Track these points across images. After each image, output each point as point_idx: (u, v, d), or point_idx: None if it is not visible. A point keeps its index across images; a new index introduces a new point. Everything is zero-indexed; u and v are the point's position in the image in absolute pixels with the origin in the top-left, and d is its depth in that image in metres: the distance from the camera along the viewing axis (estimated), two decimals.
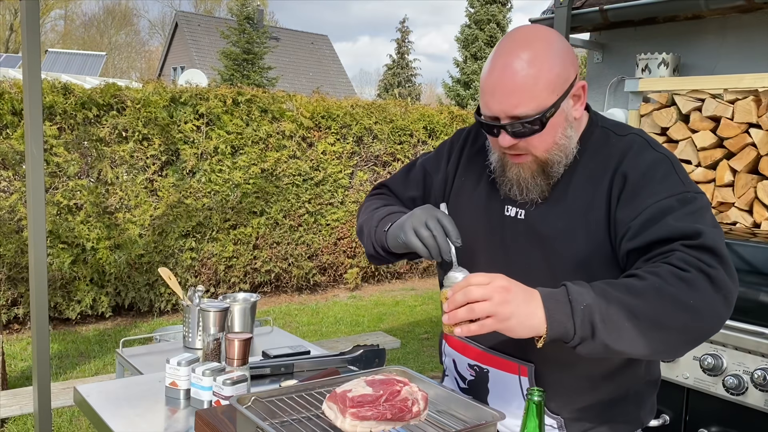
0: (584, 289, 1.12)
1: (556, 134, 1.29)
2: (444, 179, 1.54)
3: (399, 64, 27.19)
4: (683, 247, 1.17)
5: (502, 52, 1.28)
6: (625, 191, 1.27)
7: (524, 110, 1.24)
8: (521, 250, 1.37)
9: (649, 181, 1.26)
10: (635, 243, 1.23)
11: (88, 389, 1.69)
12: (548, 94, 1.25)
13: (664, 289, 1.11)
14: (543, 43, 1.27)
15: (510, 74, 1.24)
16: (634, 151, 1.31)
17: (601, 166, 1.32)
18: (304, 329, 5.91)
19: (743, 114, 2.89)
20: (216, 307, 1.84)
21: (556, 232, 1.32)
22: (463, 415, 1.34)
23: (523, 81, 1.24)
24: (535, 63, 1.24)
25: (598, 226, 1.29)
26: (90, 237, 5.59)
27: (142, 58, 33.31)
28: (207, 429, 1.36)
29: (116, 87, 5.79)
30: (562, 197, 1.34)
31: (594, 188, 1.31)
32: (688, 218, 1.21)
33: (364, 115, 7.32)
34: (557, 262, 1.32)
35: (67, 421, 3.81)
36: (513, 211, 1.39)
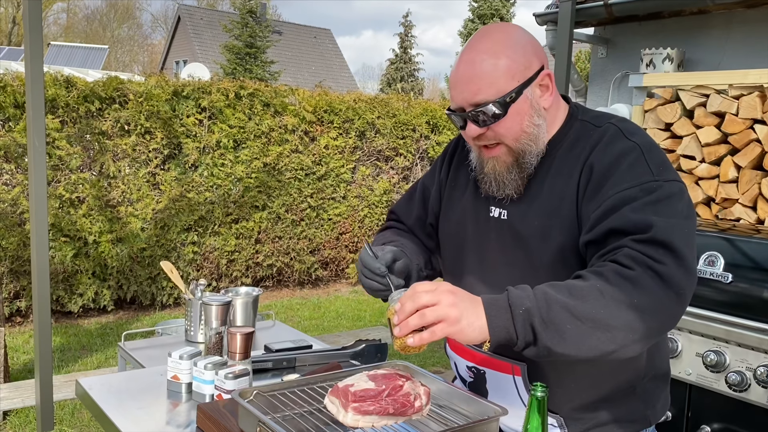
0: (525, 293, 1.12)
1: (523, 122, 1.30)
2: (438, 188, 1.58)
3: (402, 59, 27.13)
4: (632, 242, 1.14)
5: (465, 48, 1.34)
6: (591, 183, 1.26)
7: (484, 96, 1.28)
8: (506, 250, 1.38)
9: (614, 172, 1.24)
10: (591, 235, 1.21)
11: (90, 382, 1.69)
12: (507, 80, 1.28)
13: (606, 290, 1.09)
14: (501, 34, 1.32)
15: (470, 65, 1.29)
16: (605, 141, 1.29)
17: (575, 159, 1.32)
18: (305, 324, 5.92)
19: (748, 110, 2.87)
20: (218, 300, 1.84)
21: (532, 230, 1.33)
22: (466, 410, 1.33)
23: (481, 68, 1.29)
24: (493, 52, 1.29)
25: (571, 221, 1.29)
26: (92, 230, 5.59)
27: (145, 52, 33.29)
28: (209, 423, 1.36)
29: (119, 80, 5.78)
30: (538, 193, 1.34)
31: (566, 182, 1.31)
32: (646, 209, 1.16)
33: (366, 109, 7.30)
34: (537, 260, 1.32)
35: (69, 414, 3.82)
36: (497, 212, 1.40)
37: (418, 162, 7.85)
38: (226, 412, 1.36)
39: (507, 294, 1.13)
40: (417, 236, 1.62)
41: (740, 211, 2.93)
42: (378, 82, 30.58)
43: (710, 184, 3.02)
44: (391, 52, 27.62)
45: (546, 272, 1.29)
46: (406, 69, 27.02)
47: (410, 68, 27.13)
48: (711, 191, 3.02)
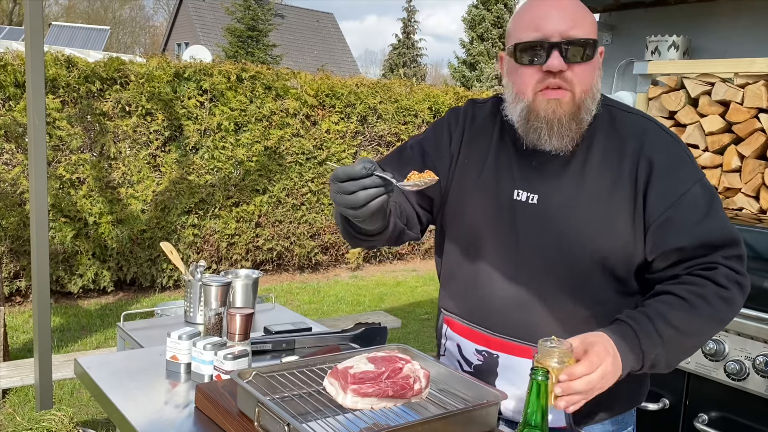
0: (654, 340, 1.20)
1: (594, 76, 1.31)
2: (449, 160, 1.44)
3: (405, 44, 26.99)
4: (724, 259, 1.26)
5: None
6: (653, 176, 1.27)
7: (579, 32, 1.26)
8: (533, 237, 1.33)
9: (676, 167, 1.28)
10: (681, 242, 1.26)
11: (88, 361, 1.69)
12: (593, 28, 1.30)
13: (712, 315, 1.24)
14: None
15: (562, 1, 1.29)
16: (652, 133, 1.32)
17: (616, 148, 1.31)
18: (305, 307, 5.93)
19: (753, 99, 2.85)
20: (218, 281, 1.83)
21: (573, 219, 1.30)
22: (465, 393, 1.33)
23: (576, 7, 1.29)
24: (581, 4, 1.31)
25: (620, 215, 1.28)
26: (92, 211, 5.58)
27: (146, 34, 33.10)
28: (207, 403, 1.36)
29: (120, 61, 5.74)
30: (577, 182, 1.31)
31: (614, 172, 1.29)
32: (717, 214, 1.27)
33: (368, 94, 7.27)
34: (574, 253, 1.30)
35: (68, 393, 3.84)
36: (524, 196, 1.34)
37: None
38: (225, 393, 1.35)
39: (640, 346, 1.19)
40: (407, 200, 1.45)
41: (743, 201, 2.92)
42: (380, 68, 30.44)
43: (713, 173, 3.01)
44: (394, 38, 27.47)
45: (582, 264, 1.30)
46: (408, 54, 26.89)
47: (413, 54, 27.00)
48: (714, 180, 3.01)
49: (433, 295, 6.60)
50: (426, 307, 6.22)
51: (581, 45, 1.26)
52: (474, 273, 1.41)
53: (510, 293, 1.35)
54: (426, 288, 6.95)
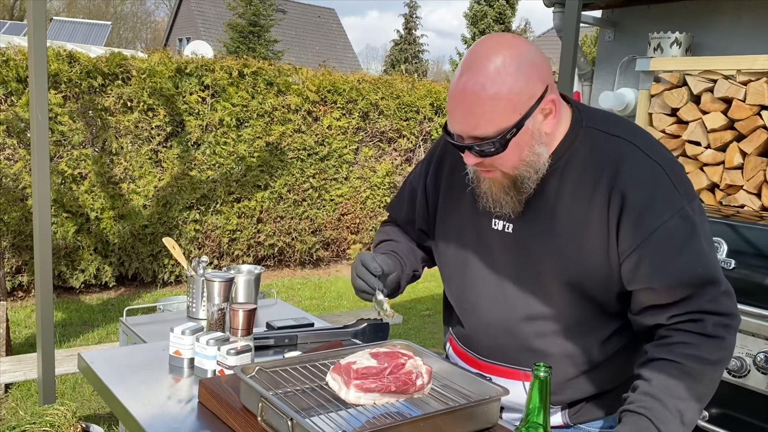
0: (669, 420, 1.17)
1: (522, 152, 1.24)
2: (425, 193, 1.55)
3: (406, 40, 26.93)
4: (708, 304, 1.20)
5: (464, 67, 1.22)
6: (625, 212, 1.22)
7: (483, 132, 1.21)
8: (511, 265, 1.35)
9: (650, 200, 1.22)
10: (651, 282, 1.22)
11: (92, 356, 1.69)
12: (509, 114, 1.20)
13: (716, 370, 1.22)
14: (506, 58, 1.19)
15: (468, 94, 1.19)
16: (629, 162, 1.24)
17: (592, 177, 1.26)
18: (306, 303, 5.94)
19: (756, 96, 2.85)
20: (221, 277, 1.84)
21: (547, 250, 1.30)
22: (467, 389, 1.34)
23: (481, 102, 1.19)
24: (494, 82, 1.18)
25: (593, 246, 1.26)
26: (94, 207, 5.59)
27: (148, 29, 33.05)
28: (211, 398, 1.36)
29: (122, 56, 5.74)
30: (551, 211, 1.29)
31: (587, 204, 1.26)
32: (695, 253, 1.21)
33: (370, 90, 7.26)
34: (548, 280, 1.31)
35: (70, 387, 3.85)
36: (500, 225, 1.36)
37: (421, 144, 7.83)
38: (228, 388, 1.36)
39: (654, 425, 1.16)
40: (410, 236, 1.64)
41: (744, 198, 2.92)
42: (382, 63, 30.39)
43: (715, 170, 3.01)
44: (395, 33, 27.39)
45: (559, 289, 1.30)
46: (410, 50, 26.84)
47: (414, 49, 26.95)
48: (716, 177, 3.01)
49: (434, 291, 6.61)
50: (427, 303, 6.23)
51: (489, 143, 1.21)
52: (461, 300, 1.46)
53: (494, 320, 1.38)
54: (427, 284, 6.96)
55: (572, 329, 1.32)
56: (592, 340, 1.33)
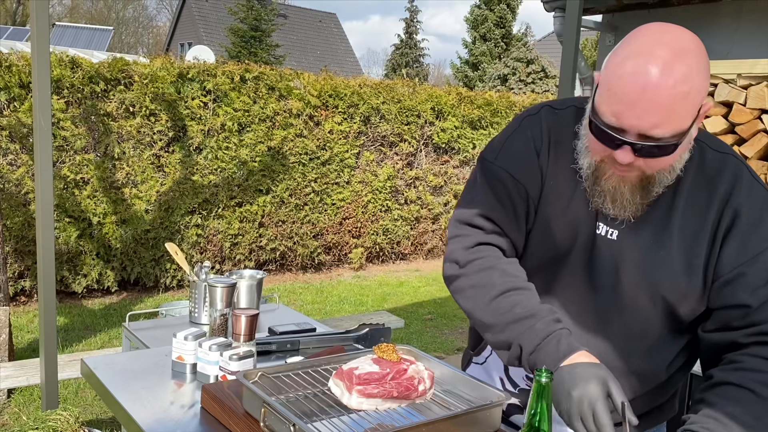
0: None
1: (677, 157, 1.17)
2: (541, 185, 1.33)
3: (407, 44, 26.97)
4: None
5: (646, 55, 1.09)
6: (735, 228, 1.20)
7: (661, 132, 1.10)
8: (608, 274, 1.28)
9: (759, 222, 1.20)
10: (747, 299, 1.18)
11: (95, 361, 1.70)
12: (689, 117, 1.11)
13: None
14: (697, 57, 1.10)
15: (658, 88, 1.07)
16: (745, 183, 1.22)
17: (706, 191, 1.23)
18: (308, 307, 5.94)
19: (756, 100, 2.86)
20: (223, 282, 1.84)
21: (653, 262, 1.24)
22: (469, 394, 1.34)
23: (672, 101, 1.08)
24: (688, 80, 1.08)
25: (699, 261, 1.22)
26: (96, 211, 5.60)
27: (150, 34, 33.14)
28: (213, 403, 1.37)
29: (124, 62, 5.76)
30: (662, 223, 1.23)
31: (700, 219, 1.22)
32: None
33: (371, 94, 7.28)
34: (643, 293, 1.25)
35: (72, 393, 3.85)
36: (604, 230, 1.27)
37: (423, 148, 7.84)
38: (231, 393, 1.37)
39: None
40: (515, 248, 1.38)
41: None
42: (383, 68, 30.44)
43: None
44: (396, 38, 27.43)
45: (650, 304, 1.26)
46: (411, 54, 26.87)
47: (415, 54, 26.99)
48: None
49: (435, 295, 6.61)
50: (429, 307, 6.23)
51: (659, 146, 1.12)
52: (545, 294, 1.34)
53: (576, 328, 1.32)
54: (429, 288, 6.96)
55: (651, 348, 1.30)
56: (663, 359, 1.31)
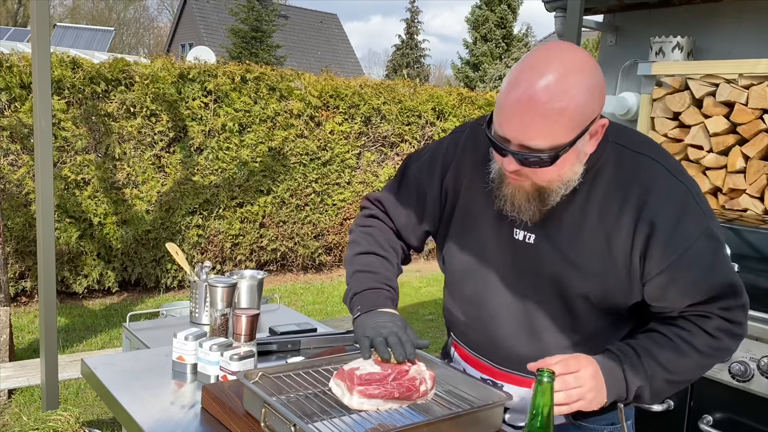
0: (639, 373, 1.25)
1: (563, 169, 1.22)
2: (440, 196, 1.46)
3: (408, 45, 26.97)
4: (720, 310, 1.26)
5: (531, 70, 1.16)
6: (655, 234, 1.23)
7: (538, 144, 1.16)
8: (532, 276, 1.34)
9: (678, 222, 1.23)
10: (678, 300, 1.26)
11: (95, 362, 1.69)
12: (568, 131, 1.16)
13: (699, 361, 1.28)
14: (578, 75, 1.15)
15: (534, 101, 1.14)
16: (659, 183, 1.24)
17: (620, 196, 1.26)
18: (309, 308, 5.94)
19: (758, 99, 2.85)
20: (224, 282, 1.84)
21: (569, 265, 1.29)
22: (470, 395, 1.34)
23: (546, 113, 1.14)
24: (564, 95, 1.14)
25: (617, 264, 1.27)
26: (97, 212, 5.60)
27: (151, 35, 33.16)
28: (214, 403, 1.36)
29: (125, 62, 5.76)
30: (576, 226, 1.28)
31: (614, 222, 1.26)
32: (720, 270, 1.25)
33: (372, 95, 7.28)
34: (570, 293, 1.31)
35: (73, 393, 3.85)
36: (521, 235, 1.33)
37: None
38: (231, 393, 1.36)
39: (624, 374, 1.25)
40: (403, 238, 1.55)
41: (747, 202, 2.92)
42: (384, 68, 30.44)
43: (718, 174, 3.01)
44: (397, 38, 27.42)
45: (580, 302, 1.31)
46: (412, 55, 26.87)
47: (416, 54, 26.98)
48: (718, 181, 3.01)
49: (436, 296, 6.61)
50: (430, 308, 6.22)
51: (539, 157, 1.17)
52: (477, 307, 1.43)
53: (513, 331, 1.37)
54: (429, 288, 6.96)
55: (590, 339, 1.35)
56: (610, 342, 1.34)
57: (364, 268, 1.47)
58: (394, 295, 1.45)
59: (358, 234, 1.55)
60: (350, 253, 1.52)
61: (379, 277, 1.45)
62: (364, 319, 1.37)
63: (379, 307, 1.39)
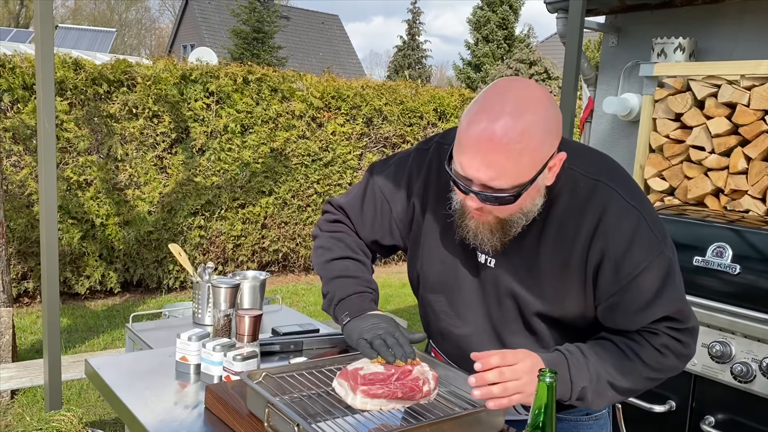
0: (583, 371, 1.27)
1: (524, 204, 1.24)
2: (405, 214, 1.49)
3: (410, 46, 26.97)
4: (668, 329, 1.29)
5: (490, 109, 1.17)
6: (605, 261, 1.26)
7: (500, 184, 1.18)
8: (494, 298, 1.39)
9: (628, 248, 1.25)
10: (626, 324, 1.30)
11: (99, 362, 1.70)
12: (528, 171, 1.18)
13: (644, 372, 1.30)
14: (536, 114, 1.17)
15: (494, 143, 1.15)
16: (610, 210, 1.26)
17: (574, 223, 1.28)
18: (311, 309, 5.94)
19: (760, 101, 2.85)
20: (227, 283, 1.85)
21: (526, 289, 1.34)
22: (473, 395, 1.34)
23: (506, 155, 1.15)
24: (523, 136, 1.15)
25: (571, 288, 1.31)
26: (99, 213, 5.61)
27: (152, 36, 33.21)
28: (217, 403, 1.37)
29: (127, 63, 5.77)
30: (533, 252, 1.32)
31: (568, 249, 1.29)
32: (667, 297, 1.26)
33: (374, 96, 7.28)
34: (529, 313, 1.36)
35: (76, 393, 3.86)
36: (483, 258, 1.38)
37: None
38: (235, 394, 1.37)
39: (569, 373, 1.27)
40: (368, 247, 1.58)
41: (749, 203, 2.92)
42: (385, 69, 30.45)
43: (719, 175, 3.01)
44: (399, 39, 27.42)
45: (540, 321, 1.36)
46: (413, 56, 26.87)
47: (418, 55, 26.98)
48: (720, 182, 3.01)
49: None
50: None
51: (501, 197, 1.19)
52: (447, 321, 1.48)
53: (483, 346, 1.39)
54: None
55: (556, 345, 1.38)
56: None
57: (344, 273, 1.49)
58: (376, 296, 1.49)
59: (327, 239, 1.57)
60: (322, 258, 1.53)
61: (360, 281, 1.48)
62: (357, 323, 1.39)
63: (367, 311, 1.42)
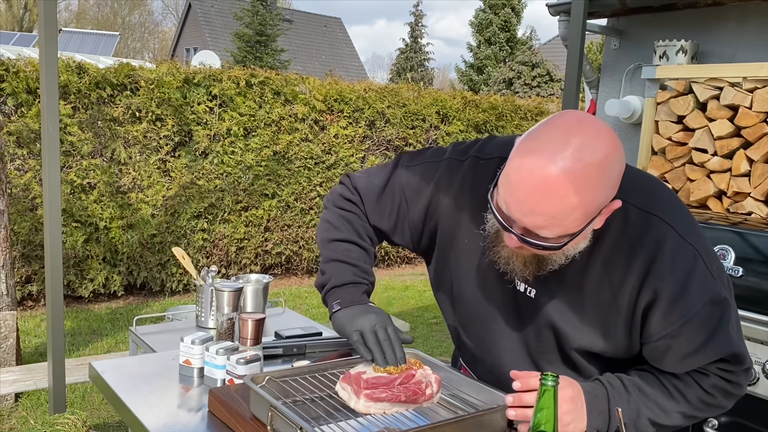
0: (623, 406, 1.21)
1: (568, 249, 1.16)
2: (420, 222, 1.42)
3: (412, 48, 27.00)
4: (718, 370, 1.24)
5: (551, 152, 1.05)
6: (657, 302, 1.19)
7: (547, 234, 1.10)
8: (533, 328, 1.33)
9: (683, 290, 1.17)
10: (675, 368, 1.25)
11: (102, 365, 1.71)
12: (579, 223, 1.09)
13: (689, 413, 1.26)
14: (599, 169, 1.05)
15: (548, 194, 1.05)
16: (667, 251, 1.18)
17: (624, 259, 1.20)
18: (314, 312, 5.94)
19: (762, 103, 2.85)
20: (230, 287, 1.85)
21: (568, 323, 1.28)
22: (475, 398, 1.34)
23: (559, 208, 1.06)
24: (581, 191, 1.05)
25: (617, 325, 1.24)
26: (103, 216, 5.63)
27: (155, 39, 33.30)
28: (220, 407, 1.37)
29: (130, 67, 5.79)
30: (577, 285, 1.25)
31: (617, 285, 1.21)
32: (722, 338, 1.20)
33: (376, 98, 7.29)
34: (569, 349, 1.31)
35: (79, 396, 3.86)
36: (522, 287, 1.30)
37: None
38: (238, 397, 1.37)
39: (608, 400, 1.22)
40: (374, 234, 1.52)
41: (752, 205, 2.92)
42: (388, 72, 30.47)
43: (722, 177, 3.01)
44: (401, 42, 27.46)
45: (579, 355, 1.31)
46: (416, 59, 26.89)
47: (420, 58, 27.01)
48: (723, 185, 3.01)
49: None
50: (434, 312, 6.22)
51: (544, 245, 1.12)
52: (482, 342, 1.43)
53: (518, 367, 1.35)
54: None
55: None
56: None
57: (343, 258, 1.46)
58: (371, 288, 1.46)
59: (336, 216, 1.51)
60: (327, 235, 1.50)
61: (358, 271, 1.45)
62: (349, 312, 1.37)
63: (359, 303, 1.40)
